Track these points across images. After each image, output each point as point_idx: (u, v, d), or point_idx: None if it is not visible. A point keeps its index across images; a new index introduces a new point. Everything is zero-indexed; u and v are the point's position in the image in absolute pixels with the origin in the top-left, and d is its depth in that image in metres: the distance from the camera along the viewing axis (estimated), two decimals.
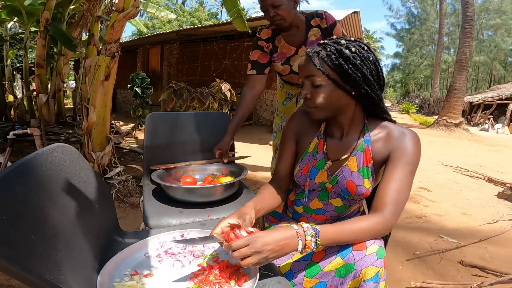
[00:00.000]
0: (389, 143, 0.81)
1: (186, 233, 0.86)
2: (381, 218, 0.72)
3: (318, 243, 0.67)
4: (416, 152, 0.79)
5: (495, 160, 4.60)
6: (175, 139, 1.45)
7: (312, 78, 0.77)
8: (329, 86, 0.77)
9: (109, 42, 2.28)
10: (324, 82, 0.77)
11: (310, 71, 0.77)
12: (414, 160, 0.78)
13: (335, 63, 0.75)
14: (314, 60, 0.77)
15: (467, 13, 7.63)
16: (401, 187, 0.75)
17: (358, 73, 0.75)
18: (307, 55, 0.78)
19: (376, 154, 0.83)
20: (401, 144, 0.79)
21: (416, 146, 0.79)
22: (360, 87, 0.76)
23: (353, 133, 0.86)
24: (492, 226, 2.17)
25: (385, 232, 0.73)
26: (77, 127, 3.95)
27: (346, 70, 0.75)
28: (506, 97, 10.13)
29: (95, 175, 0.85)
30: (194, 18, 23.50)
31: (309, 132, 0.93)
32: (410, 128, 0.84)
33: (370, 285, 0.67)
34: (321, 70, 0.76)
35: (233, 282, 0.66)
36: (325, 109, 0.80)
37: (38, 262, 0.50)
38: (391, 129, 0.83)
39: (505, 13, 18.63)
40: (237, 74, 7.40)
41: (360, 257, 0.69)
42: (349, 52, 0.75)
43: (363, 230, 0.70)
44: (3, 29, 4.99)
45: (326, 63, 0.76)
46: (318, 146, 0.89)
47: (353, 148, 0.85)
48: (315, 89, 0.78)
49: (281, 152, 0.97)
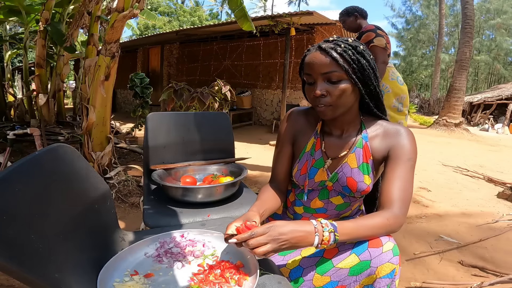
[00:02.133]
0: (386, 140, 0.84)
1: (186, 233, 0.86)
2: (390, 214, 0.72)
3: (337, 238, 0.67)
4: (414, 148, 0.81)
5: (495, 160, 4.59)
6: (175, 139, 1.45)
7: (331, 74, 0.76)
8: (347, 81, 0.77)
9: (109, 42, 2.28)
10: (342, 78, 0.76)
11: (329, 67, 0.76)
12: (413, 156, 0.80)
13: (353, 58, 0.76)
14: (334, 55, 0.75)
15: (467, 13, 7.63)
16: (405, 184, 0.77)
17: (370, 68, 0.78)
18: (324, 50, 0.76)
19: (375, 151, 0.84)
20: (399, 142, 0.81)
21: (413, 142, 0.82)
22: (370, 82, 0.79)
23: (351, 130, 0.87)
24: (492, 226, 2.17)
25: (396, 228, 0.73)
26: (77, 127, 3.94)
27: (363, 65, 0.77)
28: (506, 97, 10.13)
29: (95, 175, 0.85)
30: (195, 18, 23.50)
31: (305, 132, 0.93)
32: (402, 125, 0.86)
33: (386, 281, 0.67)
34: (341, 65, 0.75)
35: (233, 282, 0.66)
36: (339, 107, 0.80)
37: (38, 262, 0.49)
38: (386, 127, 0.85)
39: (506, 13, 18.63)
40: (237, 74, 7.40)
41: (376, 255, 0.68)
42: (361, 49, 0.78)
43: (377, 225, 0.70)
44: (2, 29, 4.99)
45: (345, 58, 0.76)
46: (316, 145, 0.89)
47: (352, 145, 0.85)
48: (333, 85, 0.77)
49: (278, 154, 0.97)
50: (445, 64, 19.10)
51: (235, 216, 1.11)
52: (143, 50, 9.35)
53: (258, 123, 7.22)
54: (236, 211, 1.14)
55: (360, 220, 0.72)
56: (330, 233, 0.67)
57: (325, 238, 0.66)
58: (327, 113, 0.81)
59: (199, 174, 1.38)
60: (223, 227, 0.95)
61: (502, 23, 18.79)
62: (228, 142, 1.54)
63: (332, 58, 0.75)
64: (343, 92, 0.77)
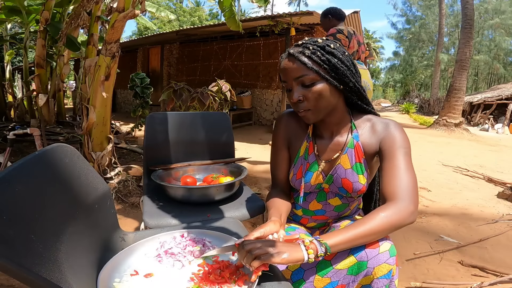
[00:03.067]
0: (375, 134, 0.84)
1: (186, 233, 0.86)
2: (395, 207, 0.69)
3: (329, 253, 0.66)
4: (404, 136, 0.81)
5: (495, 160, 4.59)
6: (175, 139, 1.45)
7: (303, 78, 0.77)
8: (321, 82, 0.77)
9: (109, 42, 2.28)
10: (315, 80, 0.77)
11: (299, 71, 0.77)
12: (405, 143, 0.79)
13: (323, 59, 0.76)
14: (302, 59, 0.76)
15: (467, 13, 7.63)
16: (405, 172, 0.74)
17: (343, 66, 0.78)
18: (292, 56, 0.78)
19: (367, 148, 0.84)
20: (388, 133, 0.81)
21: (402, 131, 0.82)
22: (347, 80, 0.79)
23: (341, 131, 0.87)
24: (492, 226, 2.17)
25: (408, 219, 0.68)
26: (77, 127, 3.94)
27: (335, 64, 0.77)
28: (506, 97, 10.12)
29: (95, 175, 0.85)
30: (195, 18, 23.50)
31: (298, 135, 0.93)
32: (389, 118, 0.86)
33: (383, 282, 0.67)
34: (311, 68, 0.76)
35: (233, 282, 0.66)
36: (319, 110, 0.80)
37: (38, 262, 0.49)
38: (374, 121, 0.86)
39: (504, 13, 18.62)
40: (237, 74, 7.40)
41: (373, 255, 0.68)
42: (331, 48, 0.78)
43: (378, 226, 0.67)
44: (3, 29, 4.99)
45: (314, 61, 0.76)
46: (309, 148, 0.90)
47: (343, 146, 0.86)
48: (308, 89, 0.78)
49: (276, 159, 0.97)
50: (445, 64, 19.08)
51: (235, 216, 1.11)
52: (143, 50, 9.35)
53: (258, 123, 7.22)
54: (236, 211, 1.14)
55: (357, 224, 0.68)
56: (320, 257, 0.65)
57: (310, 260, 0.64)
58: (309, 117, 0.82)
59: (199, 174, 1.38)
60: (223, 227, 0.95)
61: (501, 23, 18.79)
62: (228, 142, 1.54)
63: (300, 62, 0.76)
64: (320, 93, 0.77)
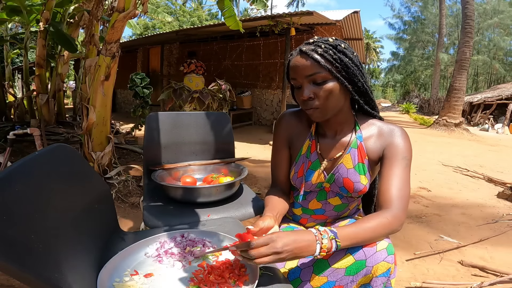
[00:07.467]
0: (381, 139, 0.84)
1: (186, 233, 0.86)
2: (390, 214, 0.72)
3: (339, 244, 0.66)
4: (408, 147, 0.82)
5: (495, 160, 4.59)
6: (175, 139, 1.45)
7: (315, 75, 0.76)
8: (332, 81, 0.77)
9: (109, 42, 2.28)
10: (327, 78, 0.77)
11: (312, 69, 0.76)
12: (407, 154, 0.81)
13: (335, 57, 0.76)
14: (315, 57, 0.76)
15: (467, 13, 7.63)
16: (402, 182, 0.77)
17: (354, 65, 0.78)
18: (305, 53, 0.77)
19: (370, 151, 0.84)
20: (394, 141, 0.82)
21: (407, 141, 0.83)
22: (357, 79, 0.79)
23: (345, 131, 0.87)
24: (492, 226, 2.17)
25: (398, 227, 0.72)
26: (77, 127, 3.95)
27: (346, 63, 0.77)
28: (506, 97, 10.13)
29: (95, 175, 0.85)
30: (195, 18, 23.49)
31: (300, 134, 0.93)
32: (396, 124, 0.86)
33: (382, 280, 0.67)
34: (324, 66, 0.76)
35: (233, 282, 0.66)
36: (327, 109, 0.80)
37: (38, 262, 0.49)
38: (380, 126, 0.86)
39: (502, 13, 18.62)
40: (237, 74, 7.40)
41: (371, 254, 0.68)
42: (342, 47, 0.78)
43: (378, 227, 0.70)
44: (3, 29, 4.99)
45: (327, 59, 0.76)
46: (311, 147, 0.89)
47: (347, 146, 0.86)
48: (319, 87, 0.77)
49: (276, 158, 0.97)
50: (445, 64, 19.08)
51: (235, 216, 1.11)
52: (143, 50, 9.36)
53: (258, 123, 7.22)
54: (236, 211, 1.14)
55: (360, 223, 0.71)
56: (331, 240, 0.66)
57: (324, 246, 0.65)
58: (317, 116, 0.81)
59: (199, 174, 1.38)
60: (223, 227, 0.95)
61: (500, 22, 18.79)
62: (228, 142, 1.54)
63: (314, 60, 0.76)
64: (331, 92, 0.77)
